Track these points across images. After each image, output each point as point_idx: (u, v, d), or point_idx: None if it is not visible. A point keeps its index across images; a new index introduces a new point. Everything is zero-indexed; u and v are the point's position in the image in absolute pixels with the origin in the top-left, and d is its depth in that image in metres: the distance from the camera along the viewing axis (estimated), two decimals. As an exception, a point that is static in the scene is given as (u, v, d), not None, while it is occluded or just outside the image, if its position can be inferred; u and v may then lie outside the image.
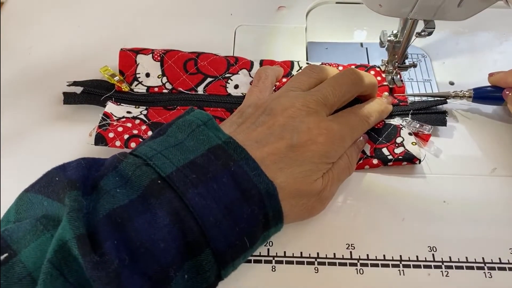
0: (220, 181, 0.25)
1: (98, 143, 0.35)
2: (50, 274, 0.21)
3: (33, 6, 0.48)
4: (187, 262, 0.24)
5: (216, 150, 0.26)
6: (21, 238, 0.22)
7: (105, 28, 0.46)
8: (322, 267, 0.30)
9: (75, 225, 0.22)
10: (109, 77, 0.39)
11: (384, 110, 0.36)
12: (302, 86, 0.33)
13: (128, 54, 0.40)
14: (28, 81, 0.41)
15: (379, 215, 0.33)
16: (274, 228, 0.28)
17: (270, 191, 0.27)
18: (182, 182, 0.24)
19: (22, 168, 0.35)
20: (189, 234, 0.24)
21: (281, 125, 0.30)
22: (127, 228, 0.23)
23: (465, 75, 0.42)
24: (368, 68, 0.41)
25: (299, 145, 0.29)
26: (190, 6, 0.48)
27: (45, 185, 0.25)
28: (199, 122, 0.28)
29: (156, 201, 0.24)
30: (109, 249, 0.22)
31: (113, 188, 0.24)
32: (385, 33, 0.41)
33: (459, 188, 0.34)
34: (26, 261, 0.22)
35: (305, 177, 0.29)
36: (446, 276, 0.30)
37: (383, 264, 0.30)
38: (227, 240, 0.25)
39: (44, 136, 0.37)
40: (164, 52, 0.40)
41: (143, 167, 0.25)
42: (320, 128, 0.30)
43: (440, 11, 0.33)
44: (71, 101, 0.38)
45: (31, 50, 0.44)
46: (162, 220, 0.23)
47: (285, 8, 0.48)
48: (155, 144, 0.27)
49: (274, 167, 0.28)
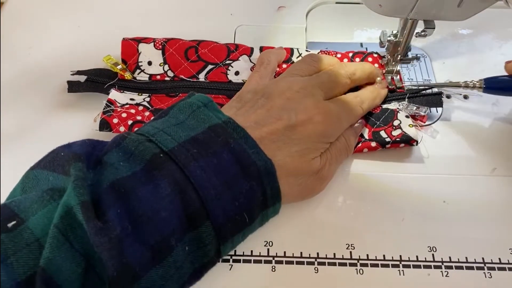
0: (220, 156, 0.26)
1: (103, 128, 0.35)
2: (57, 238, 0.21)
3: (33, 6, 0.48)
4: (187, 234, 0.25)
5: (216, 128, 0.27)
6: (28, 207, 0.23)
7: (105, 28, 0.46)
8: (322, 267, 0.30)
9: (79, 192, 0.22)
10: (112, 65, 0.40)
11: (377, 96, 0.37)
12: (301, 72, 0.35)
13: (130, 43, 0.40)
14: (28, 81, 0.41)
15: (379, 215, 0.33)
16: (272, 208, 0.29)
17: (268, 169, 0.27)
18: (184, 155, 0.25)
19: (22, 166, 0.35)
20: (190, 206, 0.24)
21: (279, 107, 0.30)
22: (130, 198, 0.23)
23: (465, 75, 0.42)
24: (366, 55, 0.41)
25: (297, 125, 0.30)
26: (190, 6, 0.48)
27: (51, 160, 0.25)
28: (199, 103, 0.29)
29: (158, 173, 0.24)
30: (112, 216, 0.22)
31: (116, 162, 0.25)
32: (385, 33, 0.41)
33: (459, 188, 0.34)
34: (33, 227, 0.22)
35: (302, 156, 0.29)
36: (446, 276, 0.30)
37: (383, 264, 0.30)
38: (226, 214, 0.25)
39: (46, 130, 0.38)
40: (165, 41, 0.40)
41: (146, 143, 0.26)
42: (317, 108, 0.31)
43: (440, 11, 0.33)
44: (75, 89, 0.39)
45: (31, 50, 0.44)
46: (164, 190, 0.24)
47: (285, 8, 0.48)
48: (157, 124, 0.28)
49: (273, 146, 0.28)
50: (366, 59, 0.41)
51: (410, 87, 0.39)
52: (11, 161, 0.36)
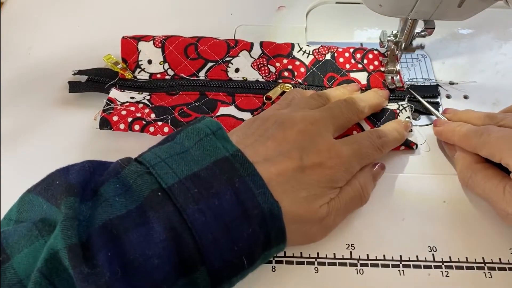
0: (223, 198, 0.24)
1: (103, 126, 0.35)
2: (39, 283, 0.21)
3: (33, 6, 0.48)
4: (180, 279, 0.23)
5: (222, 164, 0.26)
6: (15, 242, 0.22)
7: (104, 28, 0.46)
8: (322, 267, 0.30)
9: (67, 235, 0.21)
10: (112, 65, 0.40)
11: (401, 139, 0.35)
12: (310, 107, 0.33)
13: (129, 41, 0.40)
14: (28, 81, 0.41)
15: (379, 215, 0.33)
16: (275, 248, 0.27)
17: (274, 212, 0.26)
18: (183, 196, 0.24)
19: (23, 163, 0.35)
20: (185, 251, 0.23)
21: (291, 141, 0.29)
22: (122, 241, 0.22)
23: (465, 75, 0.42)
24: (367, 51, 0.41)
25: (307, 167, 0.28)
26: (190, 6, 0.48)
27: (46, 187, 0.25)
28: (207, 130, 0.27)
29: (154, 214, 0.23)
30: (102, 260, 0.21)
31: (112, 196, 0.24)
32: (385, 33, 0.41)
33: (459, 188, 0.34)
34: (17, 267, 0.22)
35: (310, 203, 0.28)
36: (446, 276, 0.30)
37: (383, 264, 0.30)
38: (223, 259, 0.24)
39: (47, 129, 0.38)
40: (164, 38, 0.40)
41: (145, 176, 0.25)
42: (329, 152, 0.29)
43: (440, 11, 0.33)
44: (76, 89, 0.39)
45: (31, 50, 0.44)
46: (159, 236, 0.23)
47: (285, 8, 0.48)
48: (160, 151, 0.26)
49: (280, 190, 0.27)
50: (366, 56, 0.41)
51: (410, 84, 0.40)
52: (11, 161, 0.36)
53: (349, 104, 0.34)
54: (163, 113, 0.36)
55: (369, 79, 0.40)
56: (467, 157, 0.33)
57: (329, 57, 0.41)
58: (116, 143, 0.37)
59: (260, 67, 0.40)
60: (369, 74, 0.40)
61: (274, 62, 0.41)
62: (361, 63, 0.41)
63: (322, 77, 0.40)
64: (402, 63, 0.43)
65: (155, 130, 0.35)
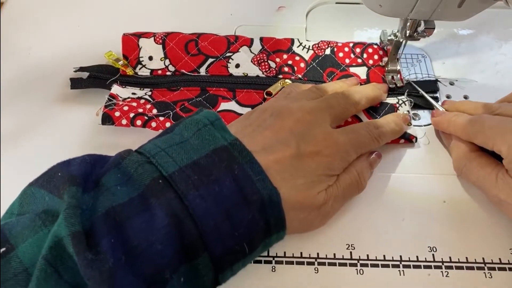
0: (223, 184, 0.25)
1: (105, 122, 0.35)
2: (45, 271, 0.21)
3: (33, 6, 0.48)
4: (183, 265, 0.24)
5: (221, 152, 0.26)
6: (19, 232, 0.22)
7: (104, 28, 0.46)
8: (322, 267, 0.30)
9: (71, 222, 0.22)
10: (113, 61, 0.40)
11: (399, 131, 0.35)
12: (307, 98, 0.34)
13: (130, 38, 0.41)
14: (28, 81, 0.41)
15: (379, 215, 0.33)
16: (276, 235, 0.27)
17: (273, 198, 0.26)
18: (184, 182, 0.24)
19: (24, 161, 0.35)
20: (187, 237, 0.23)
21: (288, 130, 0.29)
22: (125, 227, 0.23)
23: (465, 75, 0.42)
24: (366, 46, 0.42)
25: (304, 155, 0.28)
26: (190, 6, 0.48)
27: (48, 180, 0.25)
28: (206, 121, 0.28)
29: (156, 201, 0.24)
30: (105, 247, 0.22)
31: (113, 185, 0.24)
32: (385, 33, 0.41)
33: (459, 188, 0.34)
34: (22, 256, 0.22)
35: (308, 189, 0.28)
36: (446, 276, 0.30)
37: (383, 264, 0.30)
38: (225, 245, 0.24)
39: (49, 126, 0.38)
40: (165, 35, 0.41)
41: (146, 165, 0.25)
42: (326, 140, 0.30)
43: (440, 11, 0.33)
44: (78, 86, 0.39)
45: (31, 50, 0.44)
46: (161, 221, 0.23)
47: (285, 8, 0.48)
48: (160, 142, 0.27)
49: (278, 177, 0.27)
50: (366, 50, 0.41)
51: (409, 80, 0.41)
52: (12, 159, 0.36)
53: (345, 95, 0.34)
54: (165, 109, 0.37)
55: (368, 74, 0.40)
56: (462, 146, 0.33)
57: (329, 52, 0.41)
58: (118, 139, 0.37)
59: (260, 62, 0.41)
60: (369, 69, 0.41)
61: (274, 58, 0.41)
62: (361, 58, 0.41)
63: (321, 72, 0.41)
64: (402, 63, 0.43)
65: (157, 125, 0.35)
